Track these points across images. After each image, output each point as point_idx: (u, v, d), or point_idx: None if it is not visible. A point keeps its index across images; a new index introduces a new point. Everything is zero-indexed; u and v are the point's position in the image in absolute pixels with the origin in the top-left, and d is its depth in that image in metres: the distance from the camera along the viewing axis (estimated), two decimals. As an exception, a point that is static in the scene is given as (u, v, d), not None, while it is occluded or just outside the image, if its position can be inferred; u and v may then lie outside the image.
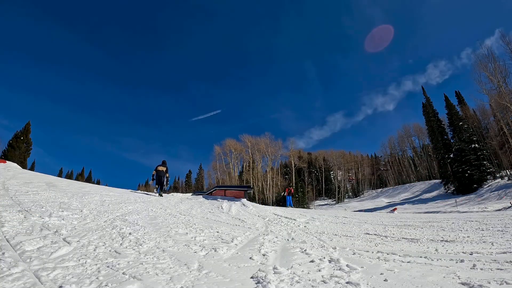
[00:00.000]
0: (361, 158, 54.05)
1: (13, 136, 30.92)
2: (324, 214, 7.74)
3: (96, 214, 3.86)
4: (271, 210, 7.58)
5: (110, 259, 2.02)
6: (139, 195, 8.31)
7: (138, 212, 4.71)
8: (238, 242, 3.04)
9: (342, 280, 1.81)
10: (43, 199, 4.56)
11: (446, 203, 23.22)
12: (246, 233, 3.71)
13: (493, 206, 17.51)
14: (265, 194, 37.71)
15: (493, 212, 11.68)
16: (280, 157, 44.84)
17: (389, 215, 8.53)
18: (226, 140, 42.62)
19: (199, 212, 5.92)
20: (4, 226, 2.58)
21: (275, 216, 6.07)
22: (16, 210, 3.40)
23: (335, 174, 49.35)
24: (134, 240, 2.68)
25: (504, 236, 3.51)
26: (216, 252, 2.50)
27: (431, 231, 4.22)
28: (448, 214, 11.12)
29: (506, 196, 19.66)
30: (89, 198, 5.50)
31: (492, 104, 24.78)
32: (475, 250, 2.71)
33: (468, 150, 26.53)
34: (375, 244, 3.24)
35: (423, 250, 2.83)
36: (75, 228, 2.89)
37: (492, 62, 22.28)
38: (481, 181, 24.95)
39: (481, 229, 4.17)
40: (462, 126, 28.26)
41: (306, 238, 3.61)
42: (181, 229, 3.55)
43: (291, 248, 2.89)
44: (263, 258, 2.43)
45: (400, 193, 37.65)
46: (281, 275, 1.89)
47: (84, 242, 2.38)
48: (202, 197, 9.71)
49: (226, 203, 7.56)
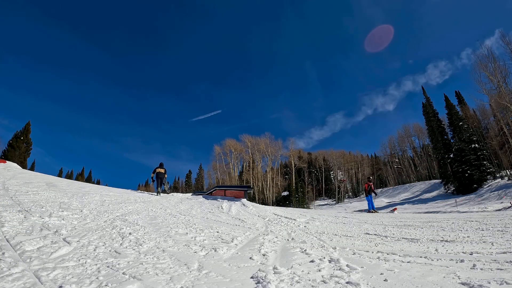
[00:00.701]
0: (361, 158, 54.06)
1: (13, 136, 30.91)
2: (324, 214, 7.74)
3: (96, 214, 3.86)
4: (271, 210, 7.58)
5: (110, 259, 2.02)
6: (139, 195, 8.31)
7: (138, 212, 4.71)
8: (238, 242, 3.04)
9: (342, 280, 1.80)
10: (43, 199, 4.56)
11: (446, 203, 23.22)
12: (246, 233, 3.70)
13: (493, 206, 17.47)
14: (265, 194, 37.70)
15: (493, 212, 11.66)
16: (280, 157, 44.81)
17: (389, 215, 8.52)
18: (226, 140, 42.59)
19: (199, 212, 5.92)
20: (4, 226, 2.58)
21: (275, 216, 6.07)
22: (16, 210, 3.40)
23: (335, 174, 49.33)
24: (134, 240, 2.68)
25: (504, 236, 3.51)
26: (216, 252, 2.50)
27: (431, 231, 4.22)
28: (448, 214, 11.12)
29: (506, 196, 19.64)
30: (89, 198, 5.50)
31: (492, 104, 24.78)
32: (475, 250, 2.71)
33: (468, 150, 26.52)
34: (375, 244, 3.24)
35: (423, 250, 2.83)
36: (75, 228, 2.90)
37: (492, 62, 22.26)
38: (481, 181, 24.93)
39: (481, 229, 4.17)
40: (462, 126, 28.26)
41: (306, 238, 3.61)
42: (181, 229, 3.55)
43: (291, 248, 2.89)
44: (263, 258, 2.43)
45: (400, 193, 37.62)
46: (281, 275, 1.89)
47: (84, 242, 2.38)
48: (202, 197, 9.71)
49: (226, 203, 7.56)
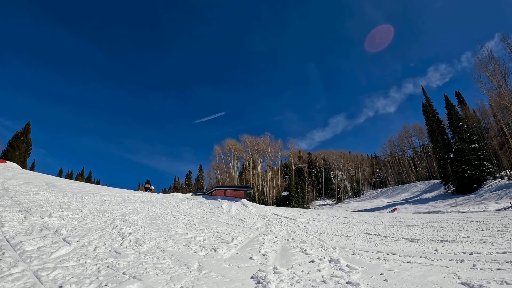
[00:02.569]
0: (361, 158, 54.06)
1: (13, 136, 30.89)
2: (324, 214, 7.74)
3: (96, 214, 3.86)
4: (271, 210, 7.58)
5: (110, 259, 2.02)
6: (139, 195, 8.31)
7: (138, 212, 4.71)
8: (238, 242, 3.05)
9: (342, 280, 1.80)
10: (43, 199, 4.56)
11: (446, 203, 23.22)
12: (246, 233, 3.70)
13: (493, 206, 17.48)
14: (265, 194, 37.69)
15: (493, 212, 11.66)
16: (280, 157, 44.75)
17: (389, 215, 8.52)
18: (226, 140, 42.52)
19: (199, 212, 5.92)
20: (4, 226, 2.58)
21: (275, 216, 6.06)
22: (16, 210, 3.40)
23: (335, 174, 49.30)
24: (134, 240, 2.68)
25: (504, 236, 3.51)
26: (216, 252, 2.50)
27: (431, 231, 4.21)
28: (448, 214, 11.13)
29: (506, 196, 19.64)
30: (89, 198, 5.50)
31: (492, 104, 24.77)
32: (475, 250, 2.71)
33: (468, 150, 26.52)
34: (375, 244, 3.24)
35: (423, 250, 2.83)
36: (75, 228, 2.90)
37: (492, 62, 22.29)
38: (481, 181, 24.92)
39: (481, 229, 4.17)
40: (462, 126, 28.25)
41: (306, 238, 3.61)
42: (181, 229, 3.55)
43: (291, 248, 2.89)
44: (263, 258, 2.43)
45: (400, 193, 37.59)
46: (281, 275, 1.89)
47: (84, 242, 2.38)
48: (202, 197, 9.71)
49: (226, 203, 7.56)
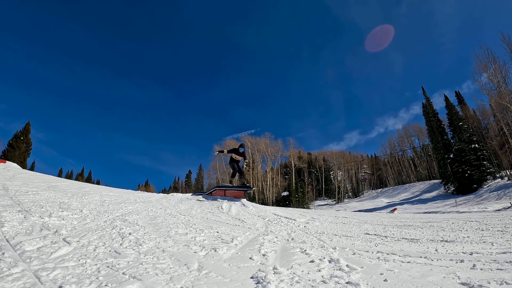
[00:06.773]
0: (361, 158, 54.11)
1: (13, 136, 30.92)
2: (324, 214, 7.74)
3: (96, 214, 3.86)
4: (271, 210, 7.58)
5: (110, 259, 2.01)
6: (139, 195, 8.31)
7: (138, 212, 4.71)
8: (238, 242, 3.04)
9: (342, 280, 1.80)
10: (43, 199, 4.56)
11: (446, 203, 23.21)
12: (246, 233, 3.70)
13: (493, 206, 17.50)
14: (265, 194, 37.70)
15: (493, 212, 11.67)
16: (280, 157, 44.76)
17: (389, 215, 8.53)
18: (226, 140, 42.56)
19: (199, 212, 5.92)
20: (4, 226, 2.58)
21: (275, 216, 6.06)
22: (16, 210, 3.40)
23: (335, 174, 49.31)
24: (134, 240, 2.68)
25: (504, 236, 3.51)
26: (216, 252, 2.50)
27: (431, 231, 4.22)
28: (448, 214, 11.13)
29: (506, 196, 19.66)
30: (89, 198, 5.50)
31: (492, 104, 24.79)
32: (475, 250, 2.71)
33: (468, 150, 26.52)
34: (375, 244, 3.24)
35: (423, 250, 2.83)
36: (75, 228, 2.89)
37: (492, 62, 22.31)
38: (481, 181, 24.95)
39: (481, 229, 4.17)
40: (462, 126, 28.26)
41: (306, 238, 3.61)
42: (181, 229, 3.55)
43: (291, 248, 2.89)
44: (263, 258, 2.43)
45: (400, 193, 37.61)
46: (281, 275, 1.89)
47: (84, 242, 2.38)
48: (202, 197, 9.70)
49: (226, 203, 7.55)
